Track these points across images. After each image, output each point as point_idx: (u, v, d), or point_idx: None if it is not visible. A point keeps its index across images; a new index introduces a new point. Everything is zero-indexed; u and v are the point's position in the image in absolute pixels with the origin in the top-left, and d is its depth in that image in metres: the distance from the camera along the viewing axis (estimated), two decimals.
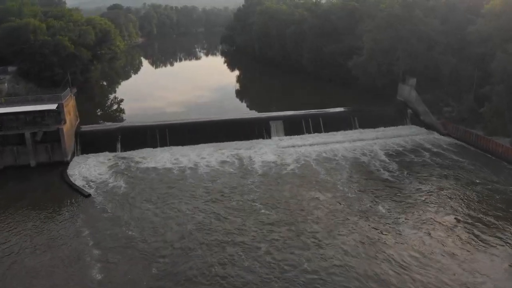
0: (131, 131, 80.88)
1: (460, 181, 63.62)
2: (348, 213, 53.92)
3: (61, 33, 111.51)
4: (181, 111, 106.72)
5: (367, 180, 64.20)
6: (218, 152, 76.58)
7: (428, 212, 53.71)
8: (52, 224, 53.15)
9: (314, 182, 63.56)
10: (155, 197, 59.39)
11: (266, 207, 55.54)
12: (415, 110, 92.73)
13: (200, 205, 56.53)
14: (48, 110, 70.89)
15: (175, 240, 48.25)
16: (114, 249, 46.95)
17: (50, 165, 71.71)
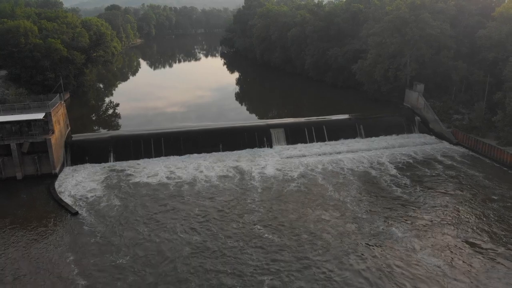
0: (124, 140, 76.43)
1: (477, 197, 59.36)
2: (359, 237, 49.23)
3: (54, 35, 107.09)
4: (178, 117, 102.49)
5: (377, 197, 59.61)
6: (216, 164, 72.12)
7: (447, 236, 49.25)
8: (35, 247, 48.65)
9: (321, 200, 58.89)
10: (148, 217, 54.83)
11: (268, 230, 50.81)
12: (424, 118, 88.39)
13: (197, 227, 52.00)
14: (35, 119, 66.35)
15: (168, 271, 43.74)
16: (101, 279, 42.52)
17: (38, 178, 67.42)
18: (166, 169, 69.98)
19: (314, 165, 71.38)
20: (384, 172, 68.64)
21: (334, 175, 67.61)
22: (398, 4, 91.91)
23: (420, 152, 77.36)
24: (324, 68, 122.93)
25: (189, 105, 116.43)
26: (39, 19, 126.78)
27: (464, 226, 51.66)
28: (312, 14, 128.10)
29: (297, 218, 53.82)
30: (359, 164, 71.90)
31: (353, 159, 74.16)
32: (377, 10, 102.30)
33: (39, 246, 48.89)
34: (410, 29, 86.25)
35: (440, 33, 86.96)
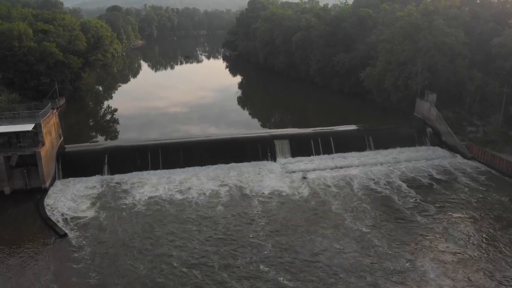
0: (119, 151, 72.09)
1: (500, 221, 54.83)
2: (382, 275, 44.25)
3: (50, 39, 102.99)
4: (178, 124, 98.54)
5: (395, 222, 54.52)
6: (216, 178, 67.85)
7: (475, 274, 44.15)
8: (18, 274, 44.43)
9: (333, 227, 53.75)
10: (144, 245, 49.94)
11: (278, 272, 44.37)
12: (436, 130, 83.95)
13: (195, 263, 46.12)
14: (23, 131, 62.09)
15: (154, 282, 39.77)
16: None
17: (27, 192, 63.16)
18: (164, 183, 65.73)
19: (321, 182, 66.92)
20: (398, 191, 63.97)
21: (340, 190, 63.38)
22: (409, 10, 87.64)
23: (434, 168, 72.79)
24: (330, 74, 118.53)
25: (191, 106, 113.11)
26: (36, 21, 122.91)
27: (493, 261, 46.95)
28: (318, 18, 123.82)
29: (310, 253, 48.15)
30: (368, 180, 67.54)
31: (362, 174, 69.80)
32: (387, 15, 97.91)
33: (22, 273, 44.63)
34: (423, 36, 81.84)
35: (455, 40, 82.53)
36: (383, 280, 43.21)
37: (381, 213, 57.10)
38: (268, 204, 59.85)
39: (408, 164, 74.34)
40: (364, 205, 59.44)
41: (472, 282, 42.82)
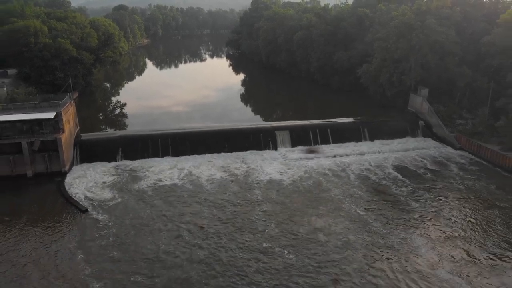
0: (132, 140, 77.85)
1: (482, 204, 60.06)
2: (371, 245, 49.77)
3: (63, 36, 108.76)
4: (184, 117, 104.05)
5: (388, 205, 59.55)
6: (221, 165, 73.43)
7: (462, 249, 48.97)
8: (46, 243, 50.02)
9: (326, 205, 59.59)
10: (156, 215, 56.24)
11: (284, 248, 48.98)
12: (427, 122, 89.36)
13: (203, 244, 50.66)
14: (46, 118, 67.82)
15: (171, 253, 46.25)
16: (111, 275, 43.91)
17: (48, 175, 68.94)
18: (173, 168, 71.48)
19: (319, 168, 72.46)
20: (386, 175, 69.79)
21: (337, 176, 68.87)
22: (403, 10, 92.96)
23: (423, 157, 78.32)
24: (330, 72, 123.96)
25: (194, 105, 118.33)
26: (48, 19, 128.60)
27: (469, 233, 52.44)
28: (319, 18, 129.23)
29: (303, 228, 53.84)
30: (364, 168, 72.89)
31: (358, 163, 75.14)
32: (383, 15, 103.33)
33: (50, 243, 50.22)
34: (416, 35, 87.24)
35: (445, 39, 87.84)
36: (376, 254, 48.23)
37: (374, 196, 62.50)
38: (270, 187, 65.41)
39: (401, 153, 79.85)
40: (358, 188, 64.93)
41: (459, 256, 47.55)
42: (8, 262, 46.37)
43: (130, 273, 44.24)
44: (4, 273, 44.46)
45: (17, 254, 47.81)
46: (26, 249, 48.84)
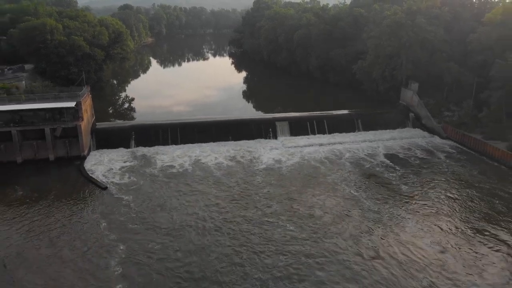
0: (144, 129, 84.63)
1: (463, 185, 66.63)
2: (358, 216, 56.99)
3: (77, 33, 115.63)
4: (189, 111, 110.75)
5: (378, 186, 65.88)
6: (226, 152, 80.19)
7: (447, 224, 55.07)
8: (72, 215, 56.74)
9: (319, 184, 66.88)
10: (168, 191, 63.31)
11: (285, 222, 55.29)
12: (417, 114, 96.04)
13: (213, 218, 58.67)
14: (67, 107, 74.70)
15: (185, 225, 52.47)
16: (132, 240, 50.66)
17: (68, 160, 75.78)
18: (182, 154, 78.17)
19: (315, 154, 79.23)
20: (377, 161, 76.52)
21: (332, 162, 75.55)
22: (395, 10, 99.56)
23: (412, 145, 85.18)
24: (327, 69, 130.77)
25: (198, 100, 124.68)
26: (60, 17, 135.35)
27: (448, 209, 59.17)
28: (318, 17, 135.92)
29: (301, 205, 60.15)
30: (357, 155, 79.53)
31: (352, 150, 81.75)
32: (377, 15, 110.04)
33: (75, 213, 57.09)
34: (406, 33, 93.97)
35: (434, 37, 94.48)
36: (367, 226, 54.76)
37: (366, 179, 69.05)
38: (271, 171, 72.09)
39: (392, 142, 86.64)
40: (351, 173, 71.57)
41: (441, 229, 53.78)
42: (41, 229, 53.12)
43: (149, 239, 50.80)
44: (38, 237, 51.21)
45: (47, 222, 54.54)
46: (55, 218, 55.60)
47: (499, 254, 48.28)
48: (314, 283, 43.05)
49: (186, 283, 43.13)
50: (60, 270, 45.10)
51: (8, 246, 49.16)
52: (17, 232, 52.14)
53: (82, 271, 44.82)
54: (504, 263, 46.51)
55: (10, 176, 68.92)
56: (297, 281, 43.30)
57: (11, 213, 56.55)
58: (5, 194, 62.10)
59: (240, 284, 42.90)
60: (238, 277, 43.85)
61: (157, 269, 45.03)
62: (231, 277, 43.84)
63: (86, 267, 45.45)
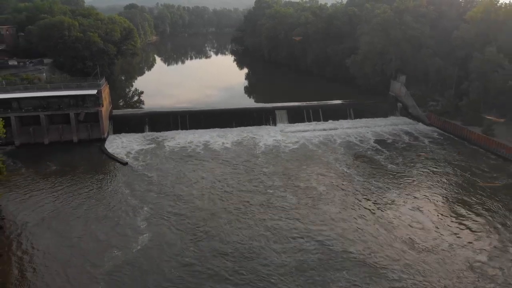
0: (157, 115, 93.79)
1: (441, 163, 75.97)
2: (349, 188, 66.21)
3: (91, 30, 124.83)
4: (195, 101, 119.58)
5: (367, 165, 74.52)
6: (230, 136, 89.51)
7: (431, 195, 63.54)
8: (99, 185, 66.06)
9: (314, 161, 76.23)
10: (181, 165, 72.62)
11: (283, 192, 64.48)
12: (405, 104, 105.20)
13: (215, 174, 69.00)
14: (90, 94, 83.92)
15: (196, 189, 61.84)
16: (153, 204, 59.92)
17: (90, 141, 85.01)
18: (191, 137, 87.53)
19: (310, 138, 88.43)
20: (367, 144, 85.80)
21: (326, 145, 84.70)
22: (385, 8, 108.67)
23: (398, 130, 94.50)
24: (324, 64, 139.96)
25: (203, 93, 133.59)
26: (74, 15, 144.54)
27: (428, 182, 68.32)
28: (315, 16, 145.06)
29: (299, 180, 69.09)
30: (349, 139, 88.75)
31: (344, 135, 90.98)
32: (369, 13, 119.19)
33: (101, 183, 66.37)
34: (394, 30, 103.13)
35: (420, 34, 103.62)
36: (356, 195, 64.14)
37: (357, 159, 78.10)
38: (271, 152, 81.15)
39: (380, 128, 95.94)
40: (344, 154, 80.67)
41: (420, 198, 62.46)
42: (74, 194, 62.29)
43: (168, 204, 59.84)
44: (72, 200, 60.40)
45: (78, 191, 63.58)
46: (85, 186, 64.88)
47: (469, 217, 57.15)
48: (307, 236, 52.28)
49: (201, 234, 52.30)
50: (94, 224, 54.28)
51: (51, 207, 58.36)
52: (55, 196, 61.33)
53: (113, 226, 53.88)
54: (472, 224, 55.24)
55: (41, 155, 78.07)
56: (292, 236, 52.53)
57: (50, 183, 65.84)
58: (40, 168, 71.39)
59: (245, 240, 52.10)
60: (244, 236, 53.11)
61: (176, 226, 54.00)
62: (236, 237, 53.04)
63: (116, 223, 54.55)
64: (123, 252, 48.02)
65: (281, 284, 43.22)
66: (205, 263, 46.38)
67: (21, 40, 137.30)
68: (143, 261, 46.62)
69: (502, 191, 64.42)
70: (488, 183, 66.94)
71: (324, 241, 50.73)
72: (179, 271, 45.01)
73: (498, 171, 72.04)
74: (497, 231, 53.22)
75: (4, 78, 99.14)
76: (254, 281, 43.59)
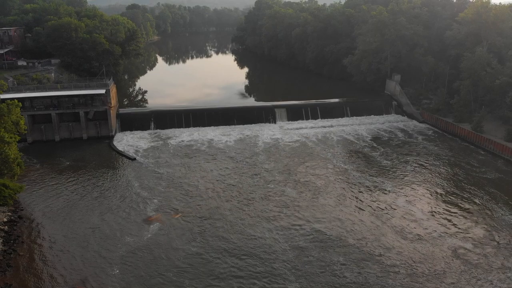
0: (161, 114, 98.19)
1: (432, 157, 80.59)
2: (343, 181, 70.76)
3: (97, 31, 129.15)
4: (198, 100, 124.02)
5: (363, 160, 79.46)
6: (232, 133, 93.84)
7: (421, 188, 68.89)
8: (110, 178, 70.54)
9: (311, 155, 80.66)
10: (186, 160, 77.09)
11: (283, 186, 70.82)
12: (399, 102, 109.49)
13: (227, 182, 73.17)
14: (98, 94, 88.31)
15: (201, 183, 66.23)
16: (160, 194, 64.39)
17: (98, 139, 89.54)
18: (195, 134, 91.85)
19: (308, 135, 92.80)
20: (362, 139, 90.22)
21: (323, 141, 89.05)
22: (380, 10, 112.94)
23: (393, 127, 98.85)
24: (322, 63, 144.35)
25: (204, 93, 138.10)
26: (79, 17, 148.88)
27: (423, 177, 72.55)
28: (313, 17, 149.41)
29: (298, 174, 73.79)
30: (343, 134, 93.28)
31: (340, 132, 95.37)
32: (365, 14, 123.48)
33: (112, 178, 70.76)
34: (389, 30, 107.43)
35: (414, 34, 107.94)
36: (351, 187, 68.77)
37: (353, 154, 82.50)
38: (271, 148, 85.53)
39: (376, 125, 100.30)
40: (340, 149, 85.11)
41: (414, 191, 66.78)
42: (87, 188, 66.74)
43: (174, 196, 64.30)
44: (86, 194, 64.84)
45: (91, 184, 68.07)
46: (96, 181, 69.25)
47: (459, 207, 61.50)
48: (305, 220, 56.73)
49: (207, 220, 56.75)
50: (108, 214, 58.71)
51: (66, 198, 62.79)
52: (69, 190, 65.79)
53: (125, 217, 58.21)
54: (460, 215, 59.47)
55: (53, 151, 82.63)
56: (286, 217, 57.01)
57: (64, 177, 70.42)
58: (54, 164, 75.91)
59: (248, 231, 56.58)
60: (245, 226, 57.58)
61: (183, 216, 58.45)
62: (239, 228, 57.53)
63: (128, 213, 58.94)
64: (135, 239, 52.39)
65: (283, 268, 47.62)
66: (210, 251, 50.77)
67: (28, 41, 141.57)
68: (154, 248, 50.95)
69: (489, 184, 68.51)
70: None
71: (321, 228, 55.23)
72: (187, 258, 49.29)
73: (487, 166, 76.04)
74: (484, 222, 57.57)
75: (15, 78, 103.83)
76: (257, 266, 47.92)
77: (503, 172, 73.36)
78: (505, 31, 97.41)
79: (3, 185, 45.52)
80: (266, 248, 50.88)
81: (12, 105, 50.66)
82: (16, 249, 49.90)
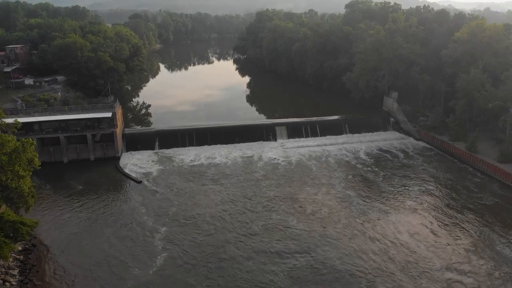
0: (165, 133, 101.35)
1: (435, 178, 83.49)
2: (339, 204, 73.88)
3: (101, 49, 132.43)
4: (200, 115, 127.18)
5: (360, 178, 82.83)
6: (234, 151, 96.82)
7: (418, 204, 72.84)
8: (115, 203, 73.56)
9: (315, 179, 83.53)
10: (190, 183, 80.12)
11: (282, 205, 74.04)
12: (396, 119, 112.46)
13: (230, 201, 75.31)
14: (105, 117, 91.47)
15: (205, 210, 69.26)
16: (166, 221, 67.48)
17: (105, 160, 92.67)
18: (198, 153, 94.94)
19: (308, 154, 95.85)
20: (360, 157, 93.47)
21: (322, 161, 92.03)
22: (378, 29, 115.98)
23: (390, 145, 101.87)
24: (321, 78, 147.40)
25: (206, 105, 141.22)
26: (83, 32, 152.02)
27: (418, 194, 75.82)
28: (313, 32, 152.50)
29: (297, 192, 77.54)
30: (342, 153, 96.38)
31: (337, 150, 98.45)
32: (363, 32, 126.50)
33: (121, 203, 73.78)
34: (386, 49, 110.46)
35: (410, 52, 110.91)
36: (344, 204, 71.83)
37: (349, 173, 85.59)
38: (271, 166, 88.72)
39: (372, 143, 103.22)
40: (338, 168, 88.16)
41: (407, 206, 70.61)
42: (95, 214, 69.79)
43: (181, 221, 67.50)
44: (95, 222, 67.90)
45: (99, 210, 70.90)
46: (105, 207, 72.16)
47: (459, 238, 63.96)
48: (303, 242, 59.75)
49: (210, 247, 59.83)
50: (116, 243, 61.79)
51: (77, 226, 65.87)
52: (79, 216, 68.82)
53: (132, 246, 61.08)
54: (462, 247, 62.51)
55: (62, 173, 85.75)
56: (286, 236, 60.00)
57: (74, 202, 73.60)
58: (64, 187, 79.07)
59: (248, 255, 59.63)
60: (249, 251, 60.66)
61: (190, 239, 61.55)
62: (243, 251, 60.58)
63: (135, 243, 62.00)
64: (143, 272, 55.27)
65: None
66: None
67: (34, 58, 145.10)
68: (159, 281, 54.02)
69: (487, 212, 70.21)
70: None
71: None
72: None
73: (483, 191, 77.76)
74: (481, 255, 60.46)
75: (23, 100, 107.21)
76: None
77: (498, 197, 75.68)
78: (500, 51, 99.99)
79: (20, 223, 48.50)
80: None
81: (27, 144, 53.68)
82: (32, 278, 52.99)
